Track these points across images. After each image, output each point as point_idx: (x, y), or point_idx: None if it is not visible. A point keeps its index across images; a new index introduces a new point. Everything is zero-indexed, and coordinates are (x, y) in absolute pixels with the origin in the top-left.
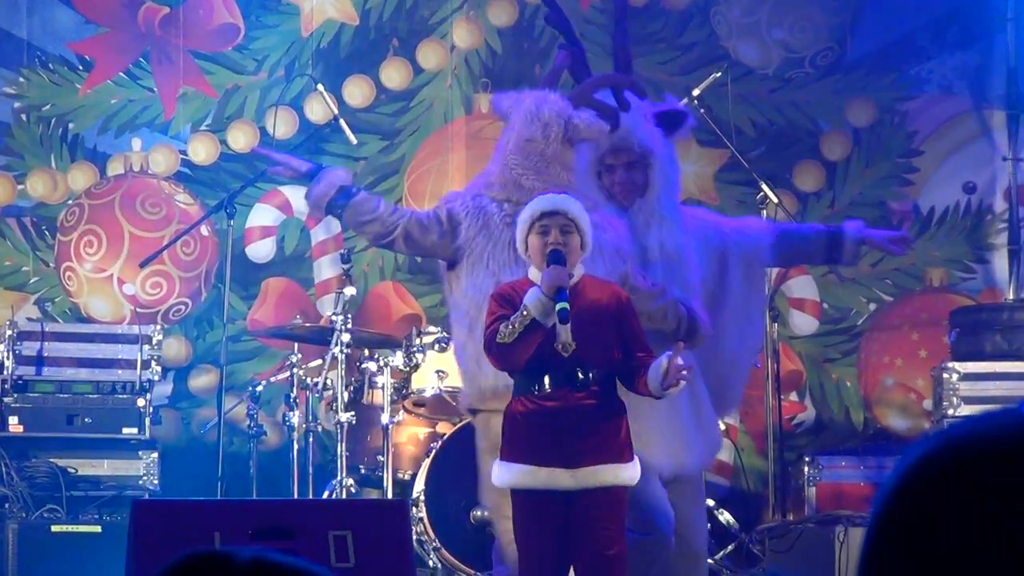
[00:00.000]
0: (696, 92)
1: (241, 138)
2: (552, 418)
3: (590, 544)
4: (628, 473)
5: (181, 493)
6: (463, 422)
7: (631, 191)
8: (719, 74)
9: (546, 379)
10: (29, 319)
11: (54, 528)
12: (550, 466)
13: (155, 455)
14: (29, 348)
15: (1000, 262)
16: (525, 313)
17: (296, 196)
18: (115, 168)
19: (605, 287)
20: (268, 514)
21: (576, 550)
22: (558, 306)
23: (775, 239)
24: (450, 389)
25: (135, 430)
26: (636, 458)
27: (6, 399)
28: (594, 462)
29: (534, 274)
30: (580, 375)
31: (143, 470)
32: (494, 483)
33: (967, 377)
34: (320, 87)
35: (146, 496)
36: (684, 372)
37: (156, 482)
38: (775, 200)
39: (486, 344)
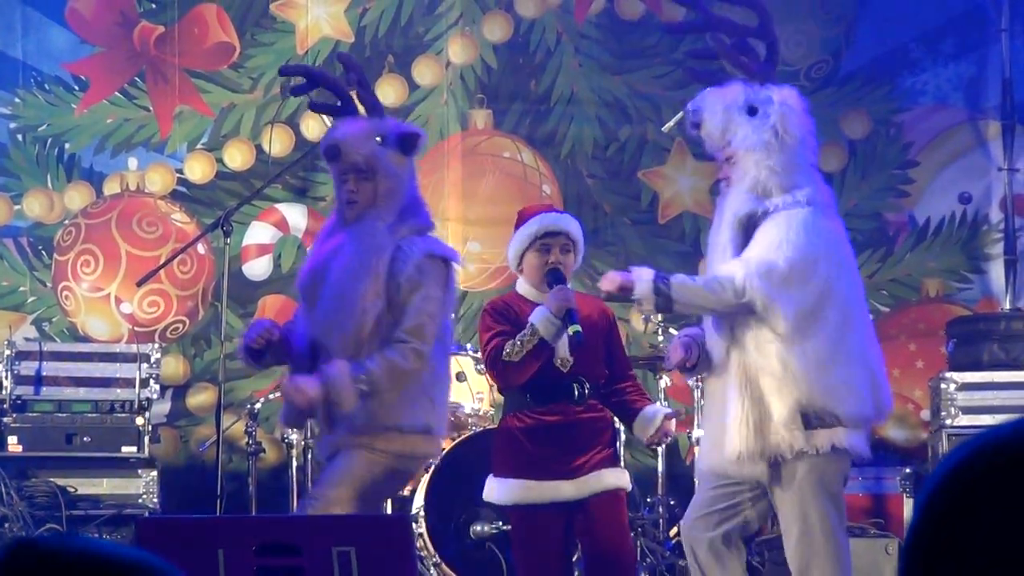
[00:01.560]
0: (690, 106)
1: (237, 156)
2: (553, 432)
3: (598, 549)
4: (625, 477)
5: (180, 511)
6: (462, 437)
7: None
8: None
9: (545, 394)
10: (27, 339)
11: None
12: (552, 479)
13: (154, 473)
14: (27, 368)
15: (996, 272)
16: (532, 333)
17: (292, 213)
18: (111, 187)
19: (593, 303)
20: (272, 531)
21: (584, 556)
22: (571, 329)
23: None
24: (449, 404)
25: (134, 449)
26: (623, 467)
27: (5, 419)
28: (593, 469)
29: (524, 289)
30: (577, 389)
31: (142, 488)
32: (492, 500)
33: (965, 387)
34: None
35: (145, 514)
36: (668, 437)
37: (156, 500)
38: None
39: (489, 360)
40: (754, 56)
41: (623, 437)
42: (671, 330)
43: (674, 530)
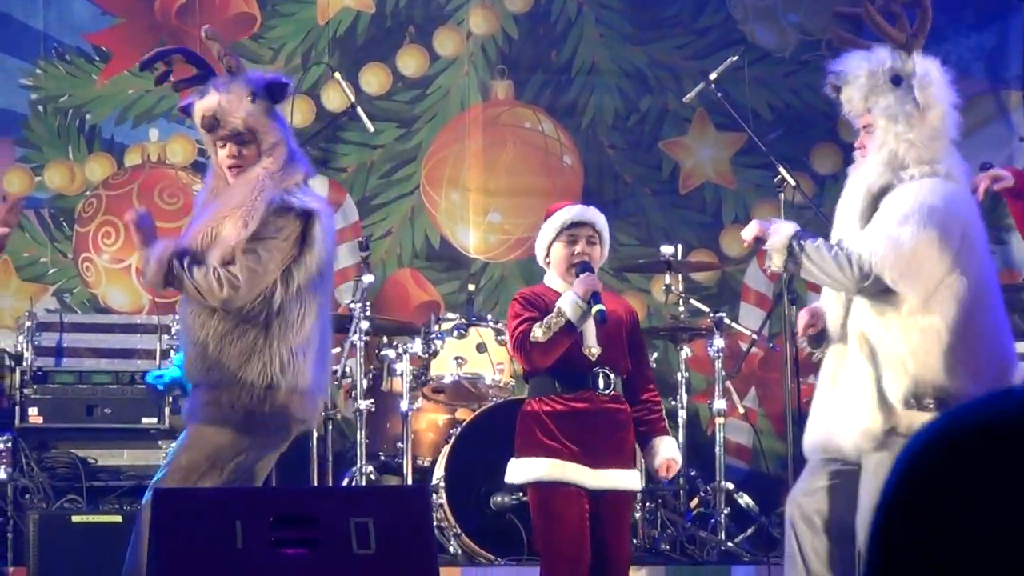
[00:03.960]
0: (713, 76)
1: None
2: (579, 418)
3: (604, 547)
4: (638, 479)
5: None
6: (482, 408)
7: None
8: (735, 58)
9: (572, 381)
10: (48, 310)
11: (74, 518)
12: (577, 463)
13: (174, 445)
14: (48, 339)
15: (1017, 243)
16: (559, 315)
17: (313, 184)
18: (132, 159)
19: (619, 301)
20: (290, 502)
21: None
22: (595, 308)
23: None
24: (469, 376)
25: (154, 420)
26: (637, 468)
27: (26, 390)
28: (613, 465)
29: (552, 280)
30: (604, 379)
31: (162, 459)
32: (514, 480)
33: None
34: (337, 75)
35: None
36: (670, 476)
37: None
38: (792, 183)
39: (517, 343)
40: (902, 24)
41: None
42: (692, 301)
43: (694, 501)
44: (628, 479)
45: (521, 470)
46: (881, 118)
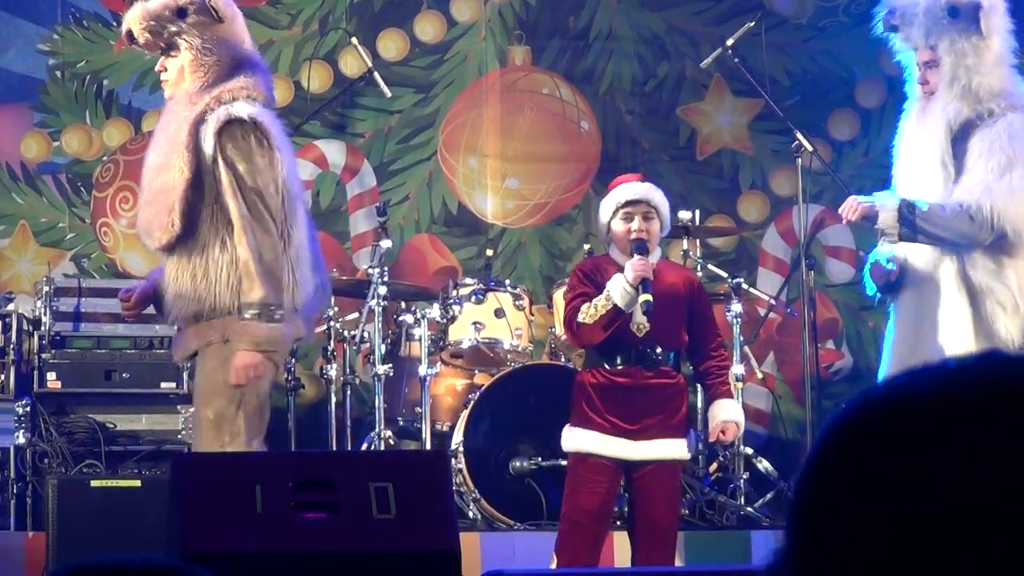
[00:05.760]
0: (730, 42)
1: (275, 93)
2: (622, 393)
3: (647, 514)
4: (684, 448)
5: None
6: (501, 373)
7: None
8: (753, 24)
9: (619, 356)
10: (66, 275)
11: (93, 483)
12: (616, 436)
13: (193, 409)
14: (66, 304)
15: None
16: (607, 299)
17: (331, 150)
18: (150, 124)
19: (679, 272)
20: (309, 466)
21: (633, 519)
22: (642, 298)
23: None
24: (487, 341)
25: (173, 385)
26: (687, 437)
27: (44, 355)
28: (655, 436)
29: (615, 254)
30: (651, 355)
31: (181, 424)
32: (564, 448)
33: None
34: (354, 41)
35: (185, 450)
36: (727, 438)
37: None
38: (810, 149)
39: (566, 320)
40: None
41: None
42: (710, 266)
43: (713, 466)
44: (671, 449)
45: (567, 439)
46: (948, 55)
